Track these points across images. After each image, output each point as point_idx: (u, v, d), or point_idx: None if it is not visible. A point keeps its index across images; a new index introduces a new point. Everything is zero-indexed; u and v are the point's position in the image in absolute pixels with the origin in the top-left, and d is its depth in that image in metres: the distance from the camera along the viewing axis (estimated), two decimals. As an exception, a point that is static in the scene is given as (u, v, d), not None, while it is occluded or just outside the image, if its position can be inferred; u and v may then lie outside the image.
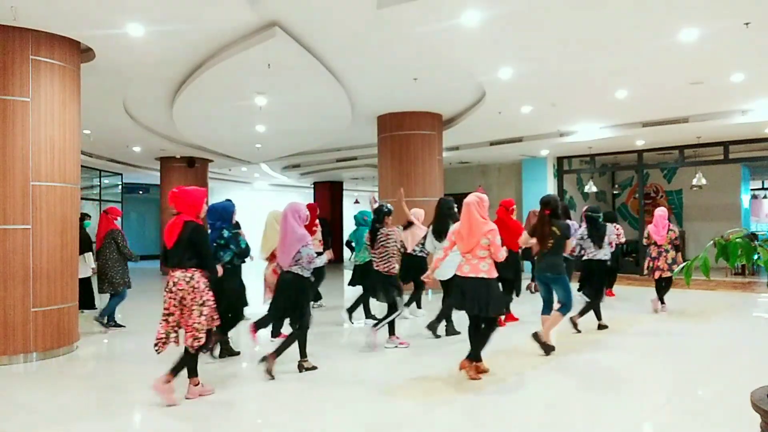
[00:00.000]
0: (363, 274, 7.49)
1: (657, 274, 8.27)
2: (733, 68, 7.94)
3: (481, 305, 4.82)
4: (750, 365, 5.44)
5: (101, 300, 8.02)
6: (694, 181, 14.10)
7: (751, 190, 17.59)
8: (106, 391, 4.88)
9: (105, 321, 7.50)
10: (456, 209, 6.63)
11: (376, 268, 6.16)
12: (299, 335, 5.17)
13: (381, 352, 6.05)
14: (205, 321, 4.29)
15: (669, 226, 8.31)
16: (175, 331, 4.32)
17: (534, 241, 5.93)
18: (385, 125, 10.92)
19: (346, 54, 7.23)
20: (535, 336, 5.79)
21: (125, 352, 6.68)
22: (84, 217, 9.03)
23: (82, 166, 7.26)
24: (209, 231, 5.43)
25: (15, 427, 4.03)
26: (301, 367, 5.20)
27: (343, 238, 17.73)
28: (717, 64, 7.72)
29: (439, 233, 6.57)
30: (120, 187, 19.55)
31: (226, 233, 5.52)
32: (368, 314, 7.78)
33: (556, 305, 5.97)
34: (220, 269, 4.96)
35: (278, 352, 5.06)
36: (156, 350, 4.30)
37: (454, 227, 5.20)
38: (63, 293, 6.07)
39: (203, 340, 4.30)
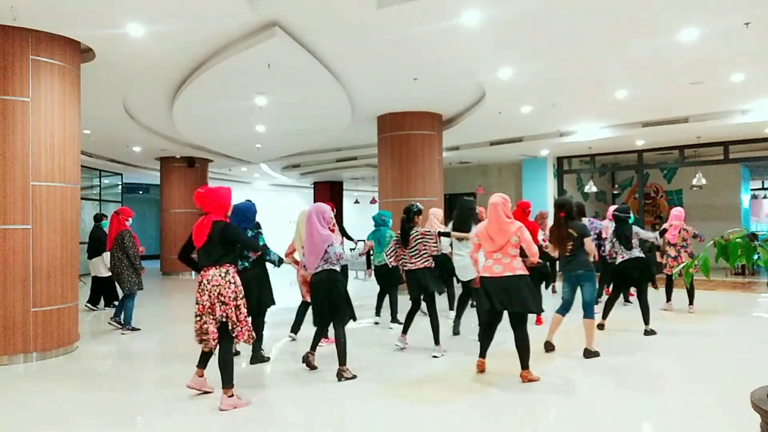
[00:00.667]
0: (381, 275, 7.59)
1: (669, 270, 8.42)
2: (733, 68, 7.94)
3: (521, 301, 4.82)
4: (750, 365, 5.44)
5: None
6: (694, 181, 14.10)
7: (751, 190, 17.60)
8: (106, 391, 4.88)
9: (122, 323, 7.47)
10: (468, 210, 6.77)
11: (410, 267, 6.01)
12: (342, 336, 5.03)
13: (390, 352, 6.04)
14: (246, 313, 4.37)
15: (683, 225, 8.41)
16: (206, 332, 4.28)
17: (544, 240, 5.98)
18: (385, 125, 10.92)
19: (346, 54, 7.23)
20: (586, 353, 5.74)
21: (126, 351, 6.68)
22: (101, 217, 9.14)
23: (82, 166, 7.27)
24: None
25: (15, 427, 4.03)
26: (340, 376, 5.01)
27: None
28: (717, 64, 7.72)
29: (460, 233, 6.61)
30: (120, 187, 19.55)
31: (249, 233, 5.54)
32: (378, 312, 7.97)
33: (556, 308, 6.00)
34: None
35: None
36: (205, 348, 4.41)
37: (476, 229, 5.17)
38: (63, 293, 6.07)
39: (253, 333, 4.40)
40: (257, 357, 5.67)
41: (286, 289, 10.43)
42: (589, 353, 5.72)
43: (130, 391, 4.90)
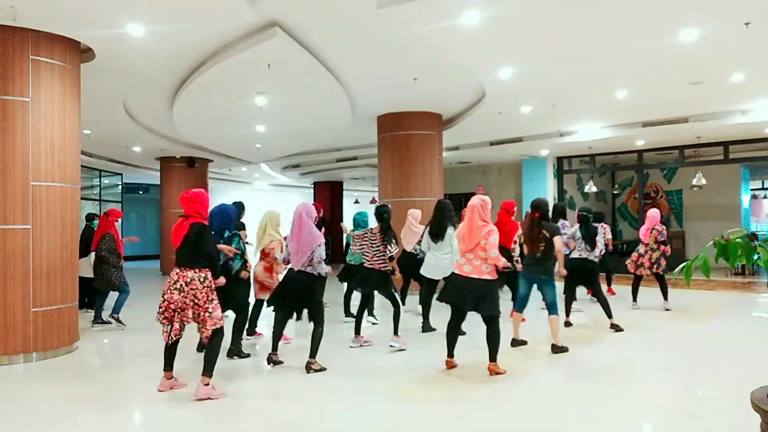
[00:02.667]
0: (354, 274, 7.51)
1: (640, 271, 8.58)
2: (733, 68, 7.94)
3: (477, 303, 4.97)
4: (750, 365, 5.44)
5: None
6: (694, 181, 14.10)
7: (751, 190, 17.59)
8: (106, 390, 4.88)
9: (100, 321, 7.66)
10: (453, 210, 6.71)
11: (369, 266, 6.19)
12: (320, 333, 5.20)
13: (373, 351, 6.04)
14: (216, 317, 4.45)
15: (656, 226, 8.47)
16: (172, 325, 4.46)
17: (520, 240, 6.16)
18: (385, 125, 10.92)
19: (346, 54, 7.23)
20: (554, 348, 5.90)
21: (125, 351, 6.69)
22: (93, 216, 9.15)
23: (82, 166, 7.27)
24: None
25: (15, 427, 4.03)
26: (309, 368, 5.17)
27: (343, 237, 17.74)
28: (717, 64, 7.72)
29: (436, 234, 6.43)
30: (120, 187, 19.55)
31: (226, 233, 5.58)
32: (371, 312, 7.87)
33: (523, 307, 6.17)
34: (222, 280, 4.90)
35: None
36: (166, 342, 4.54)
37: (459, 228, 5.28)
38: (63, 293, 6.07)
39: (210, 333, 4.44)
40: (235, 351, 5.80)
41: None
42: (556, 348, 5.87)
43: (130, 391, 4.90)
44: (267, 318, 6.79)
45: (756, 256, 2.55)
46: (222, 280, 4.90)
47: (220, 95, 8.76)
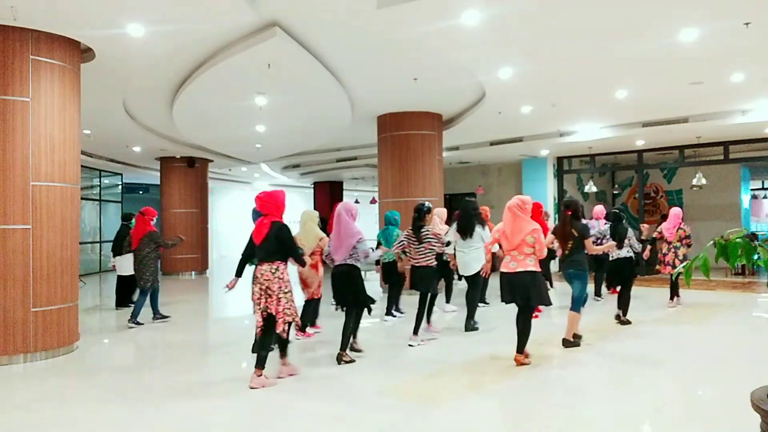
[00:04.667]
0: (389, 272, 7.89)
1: (666, 270, 8.64)
2: (733, 68, 7.94)
3: (527, 296, 5.26)
4: (750, 365, 5.44)
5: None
6: (694, 181, 14.09)
7: (751, 190, 17.58)
8: (106, 390, 4.88)
9: (135, 321, 7.79)
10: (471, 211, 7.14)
11: (414, 264, 6.41)
12: (356, 322, 5.63)
13: (396, 349, 6.05)
14: (291, 308, 4.83)
15: (680, 225, 8.66)
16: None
17: (552, 239, 6.37)
18: (385, 125, 10.92)
19: (346, 54, 7.23)
20: (565, 342, 6.11)
21: (125, 351, 6.69)
22: (130, 216, 9.40)
23: (82, 166, 7.28)
24: None
25: (15, 427, 4.03)
26: (340, 359, 5.45)
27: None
28: (717, 64, 7.72)
29: (464, 231, 7.01)
30: (120, 187, 19.55)
31: None
32: (397, 308, 8.20)
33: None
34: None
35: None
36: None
37: (498, 226, 5.61)
38: (63, 293, 6.07)
39: (288, 327, 4.90)
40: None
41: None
42: (567, 342, 6.09)
43: (130, 391, 4.90)
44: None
45: (756, 256, 2.55)
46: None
47: (220, 95, 8.76)
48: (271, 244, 4.82)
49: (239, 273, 5.03)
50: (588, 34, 6.57)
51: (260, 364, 4.79)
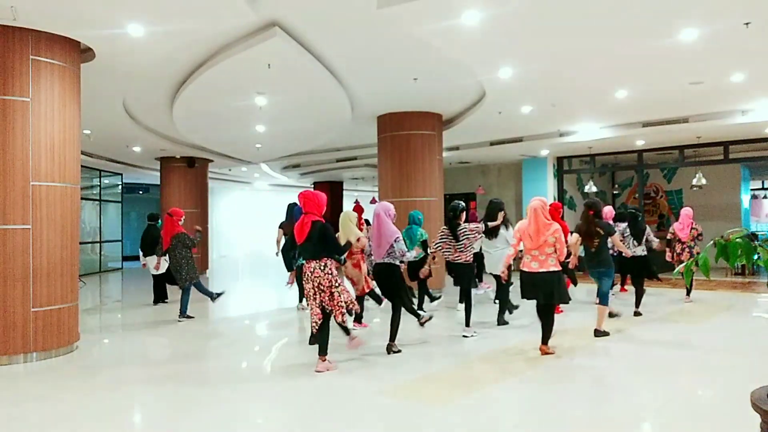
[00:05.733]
0: (413, 270, 8.03)
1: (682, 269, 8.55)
2: (733, 68, 7.94)
3: (549, 294, 5.57)
4: (750, 365, 5.44)
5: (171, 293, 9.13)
6: (694, 181, 14.09)
7: (751, 190, 17.58)
8: (106, 390, 4.88)
9: (185, 315, 8.19)
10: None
11: (455, 260, 6.73)
12: (398, 316, 5.92)
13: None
14: (345, 299, 5.13)
15: (692, 224, 9.04)
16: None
17: (577, 238, 6.66)
18: (385, 125, 10.91)
19: (346, 54, 7.23)
20: (596, 333, 6.56)
21: (125, 351, 6.69)
22: (156, 216, 9.96)
23: (82, 166, 7.28)
24: None
25: (15, 427, 4.03)
26: (390, 350, 5.85)
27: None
28: (717, 64, 7.72)
29: (491, 232, 7.44)
30: (120, 187, 19.55)
31: None
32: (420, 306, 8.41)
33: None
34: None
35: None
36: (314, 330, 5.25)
37: (518, 226, 5.87)
38: (63, 293, 6.07)
39: (347, 315, 5.20)
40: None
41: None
42: (598, 333, 6.52)
43: (130, 391, 4.90)
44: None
45: (756, 256, 2.55)
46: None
47: (220, 95, 8.76)
48: (316, 242, 5.08)
49: (290, 267, 5.42)
50: (588, 33, 6.57)
51: (323, 352, 5.19)
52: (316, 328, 5.18)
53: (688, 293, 9.33)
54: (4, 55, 5.76)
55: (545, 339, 5.78)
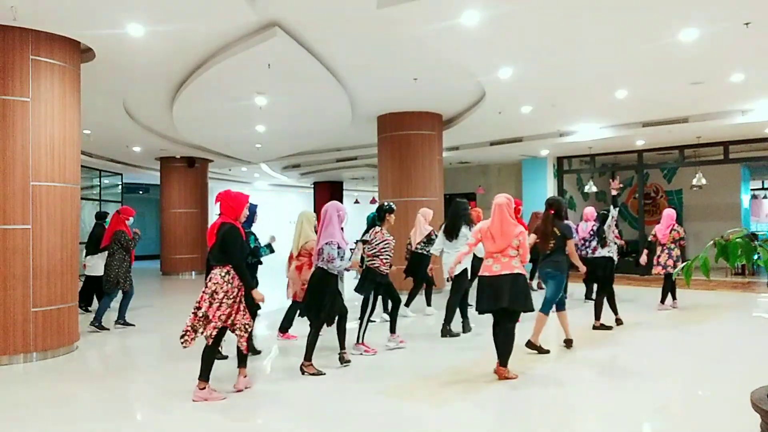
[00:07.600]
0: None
1: (657, 270, 8.50)
2: (733, 68, 7.94)
3: (512, 299, 4.84)
4: (750, 365, 5.44)
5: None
6: (694, 181, 14.09)
7: (751, 190, 17.58)
8: (106, 390, 4.88)
9: (98, 324, 7.48)
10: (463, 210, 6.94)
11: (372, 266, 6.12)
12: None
13: (383, 352, 6.05)
14: (244, 321, 4.52)
15: (674, 226, 8.48)
16: (202, 326, 4.43)
17: (534, 238, 6.04)
18: (385, 125, 10.92)
19: (346, 54, 7.23)
20: (528, 343, 5.87)
21: (125, 351, 6.69)
22: (104, 215, 9.02)
23: (82, 166, 7.26)
24: None
25: (15, 428, 4.03)
26: (340, 359, 5.47)
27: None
28: (717, 64, 7.72)
29: (450, 233, 6.74)
30: (120, 187, 19.55)
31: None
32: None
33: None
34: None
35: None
36: (182, 344, 4.39)
37: (480, 225, 5.22)
38: (63, 293, 6.07)
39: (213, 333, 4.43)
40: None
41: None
42: (530, 344, 5.85)
43: (130, 391, 4.90)
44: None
45: (756, 256, 2.55)
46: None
47: (220, 95, 8.76)
48: (218, 246, 4.49)
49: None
50: (588, 33, 6.57)
51: (203, 376, 4.49)
52: (211, 339, 4.45)
53: (662, 300, 8.61)
54: (4, 55, 5.76)
55: (504, 358, 4.97)
